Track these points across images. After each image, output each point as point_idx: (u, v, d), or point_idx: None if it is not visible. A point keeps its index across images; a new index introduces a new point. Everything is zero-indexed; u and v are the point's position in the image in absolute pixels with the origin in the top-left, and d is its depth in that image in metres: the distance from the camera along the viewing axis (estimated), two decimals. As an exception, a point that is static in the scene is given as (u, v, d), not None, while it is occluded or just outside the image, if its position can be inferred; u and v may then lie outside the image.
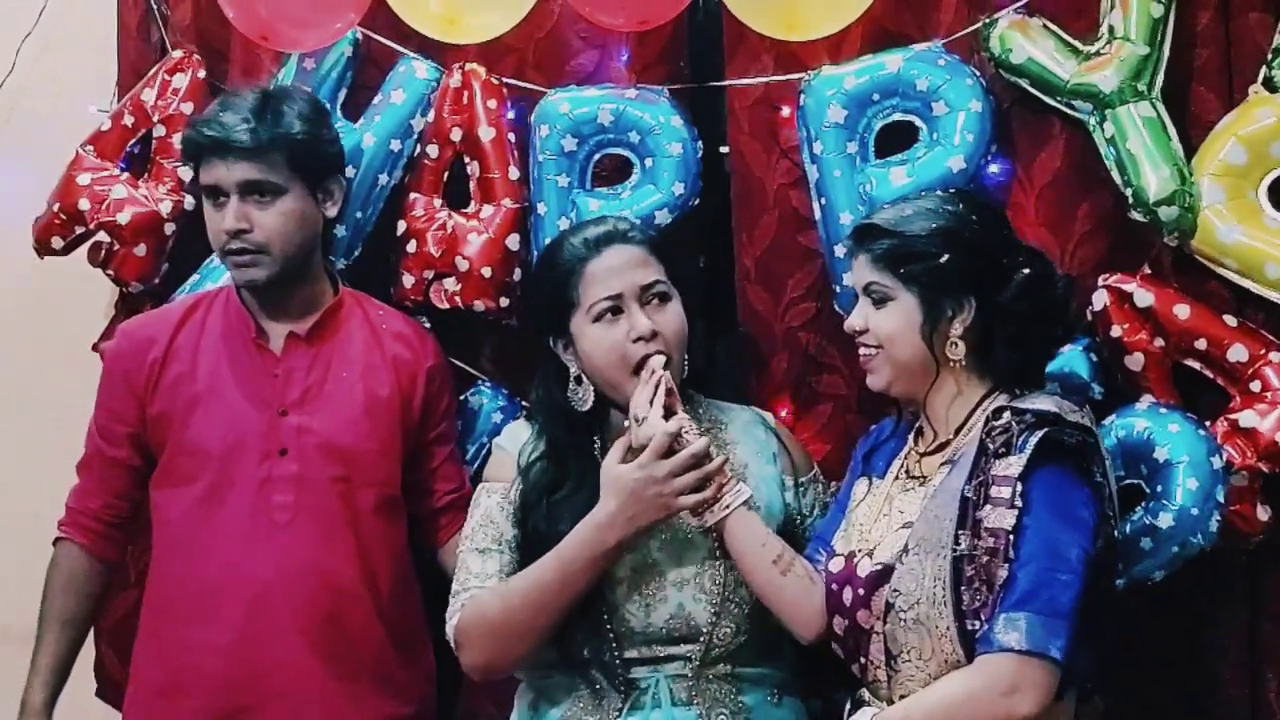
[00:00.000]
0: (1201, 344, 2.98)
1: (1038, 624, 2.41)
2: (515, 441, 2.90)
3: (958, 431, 2.63)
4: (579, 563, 2.69)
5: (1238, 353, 2.97)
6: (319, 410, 3.00)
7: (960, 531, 2.49)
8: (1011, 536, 2.44)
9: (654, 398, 2.72)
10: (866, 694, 2.62)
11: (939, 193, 2.77)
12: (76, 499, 3.12)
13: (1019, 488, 2.46)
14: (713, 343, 3.07)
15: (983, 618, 2.45)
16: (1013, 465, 2.48)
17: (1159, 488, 2.89)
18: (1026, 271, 2.62)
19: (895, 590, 2.53)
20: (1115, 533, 2.57)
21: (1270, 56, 2.99)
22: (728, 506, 2.70)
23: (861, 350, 2.70)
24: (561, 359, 2.86)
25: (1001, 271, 2.62)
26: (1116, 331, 2.99)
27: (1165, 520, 2.86)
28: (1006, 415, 2.53)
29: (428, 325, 3.24)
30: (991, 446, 2.51)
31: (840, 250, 3.06)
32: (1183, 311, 2.98)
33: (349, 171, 3.19)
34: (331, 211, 3.07)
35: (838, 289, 3.10)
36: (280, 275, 3.00)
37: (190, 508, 3.00)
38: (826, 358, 3.20)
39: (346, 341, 3.06)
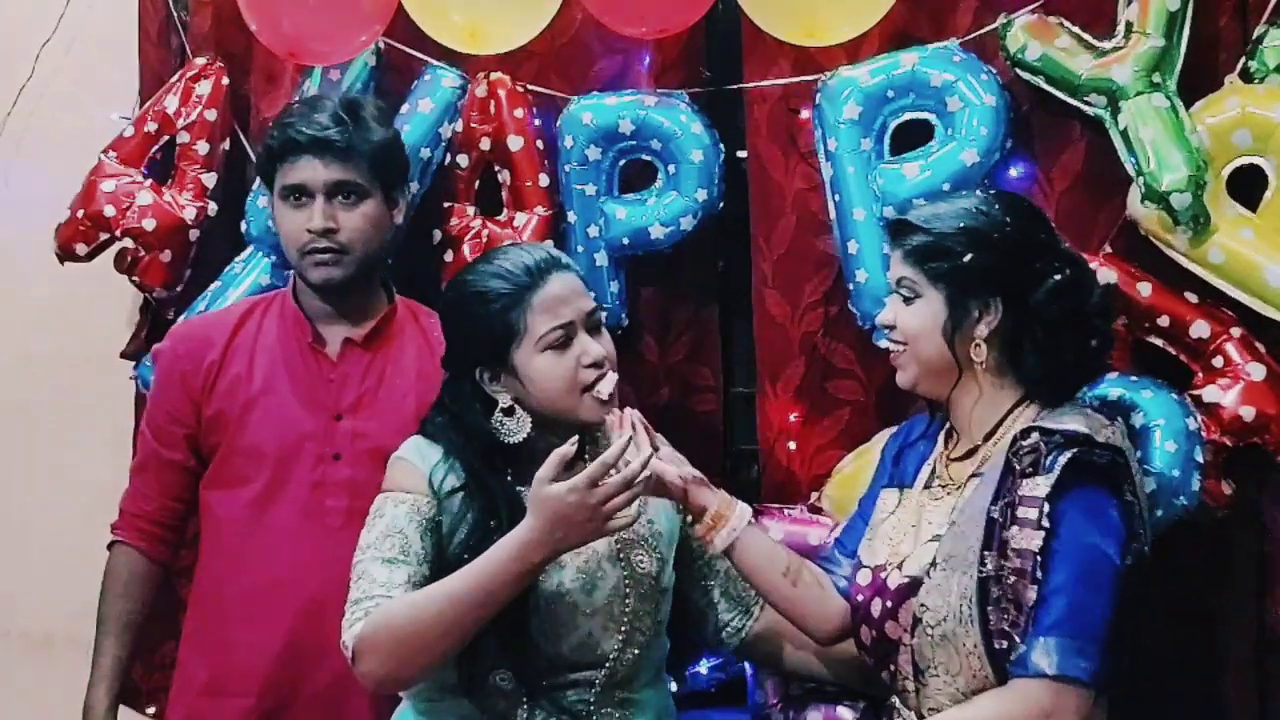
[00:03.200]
0: (1164, 321, 3.01)
1: (1071, 648, 2.38)
2: (423, 459, 2.74)
3: (986, 438, 2.58)
4: (499, 579, 2.56)
5: (1199, 329, 3.00)
6: (373, 416, 3.01)
7: (986, 553, 2.45)
8: (1039, 558, 2.40)
9: (635, 438, 2.64)
10: (897, 700, 2.61)
11: (979, 192, 2.71)
12: (131, 502, 3.12)
13: (1046, 508, 2.41)
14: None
15: (1013, 637, 2.42)
16: (1040, 486, 2.42)
17: (1139, 453, 2.84)
18: (1058, 276, 2.54)
19: (923, 605, 2.51)
20: (1145, 549, 2.51)
21: (1250, 48, 3.01)
22: (735, 529, 2.67)
23: (890, 346, 2.66)
24: (486, 390, 2.73)
25: (1033, 275, 2.54)
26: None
27: (1147, 485, 2.83)
28: (1035, 435, 2.46)
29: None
30: (1018, 466, 2.45)
31: (853, 247, 3.09)
32: (1144, 290, 3.01)
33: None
34: (399, 219, 3.09)
35: (851, 286, 3.12)
36: (355, 276, 3.01)
37: (243, 509, 3.01)
38: (843, 363, 3.23)
39: (400, 349, 3.06)
